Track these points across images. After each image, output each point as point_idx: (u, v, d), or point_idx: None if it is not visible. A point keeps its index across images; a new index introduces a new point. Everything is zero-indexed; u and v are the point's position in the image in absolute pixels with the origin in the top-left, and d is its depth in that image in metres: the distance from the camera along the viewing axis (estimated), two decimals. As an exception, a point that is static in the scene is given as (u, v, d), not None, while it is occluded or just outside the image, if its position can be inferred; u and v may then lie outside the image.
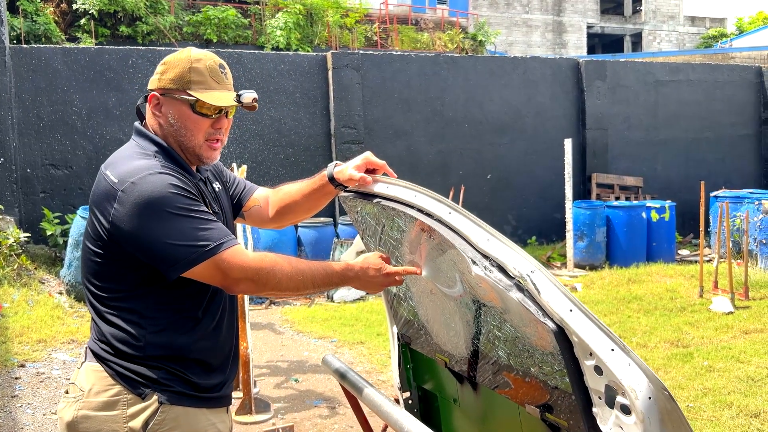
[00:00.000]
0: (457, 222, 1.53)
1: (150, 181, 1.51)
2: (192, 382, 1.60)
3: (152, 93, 1.64)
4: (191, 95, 1.60)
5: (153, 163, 1.56)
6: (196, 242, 1.48)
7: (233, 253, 1.51)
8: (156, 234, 1.48)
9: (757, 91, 11.81)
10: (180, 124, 1.62)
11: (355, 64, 9.13)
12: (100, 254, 1.57)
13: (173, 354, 1.59)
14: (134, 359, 1.56)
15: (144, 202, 1.49)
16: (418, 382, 2.15)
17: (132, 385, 1.55)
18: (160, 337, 1.58)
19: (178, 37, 16.92)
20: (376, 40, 19.65)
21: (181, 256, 1.48)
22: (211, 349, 1.66)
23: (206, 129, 1.64)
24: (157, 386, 1.56)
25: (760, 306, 6.51)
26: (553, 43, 32.74)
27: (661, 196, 10.54)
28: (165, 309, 1.59)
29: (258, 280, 1.53)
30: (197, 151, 1.65)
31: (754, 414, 3.95)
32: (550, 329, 1.34)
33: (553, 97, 10.44)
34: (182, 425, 1.57)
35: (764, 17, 35.68)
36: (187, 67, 1.61)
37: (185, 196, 1.52)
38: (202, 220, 1.52)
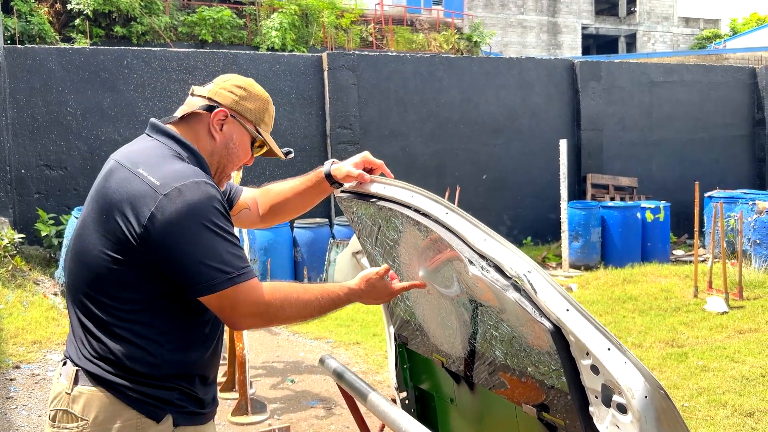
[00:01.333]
0: (454, 222, 1.53)
1: (195, 190, 1.44)
2: (199, 399, 1.56)
3: (222, 109, 1.60)
4: (260, 134, 1.64)
5: (195, 170, 1.50)
6: (222, 266, 1.42)
7: (251, 287, 1.45)
8: (190, 248, 1.41)
9: (750, 92, 11.86)
10: (235, 150, 1.63)
11: (350, 65, 9.14)
12: (119, 259, 1.44)
13: (184, 372, 1.53)
14: (149, 380, 1.48)
15: (187, 211, 1.41)
16: (414, 382, 2.15)
17: (145, 408, 1.47)
18: (175, 354, 1.51)
19: (173, 37, 16.89)
20: (372, 41, 19.66)
21: (205, 278, 1.41)
22: (211, 362, 1.62)
23: (243, 162, 1.68)
24: (173, 408, 1.50)
25: (755, 306, 6.54)
26: (548, 44, 32.82)
27: (655, 196, 10.58)
28: (180, 324, 1.51)
29: (265, 316, 1.48)
30: (222, 178, 1.65)
31: (749, 413, 3.97)
32: (547, 329, 1.35)
33: (548, 97, 10.47)
34: None
35: (758, 18, 35.86)
36: (265, 107, 1.67)
37: (223, 213, 1.47)
38: (232, 244, 1.45)
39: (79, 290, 1.51)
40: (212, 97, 1.62)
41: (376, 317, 6.63)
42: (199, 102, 1.62)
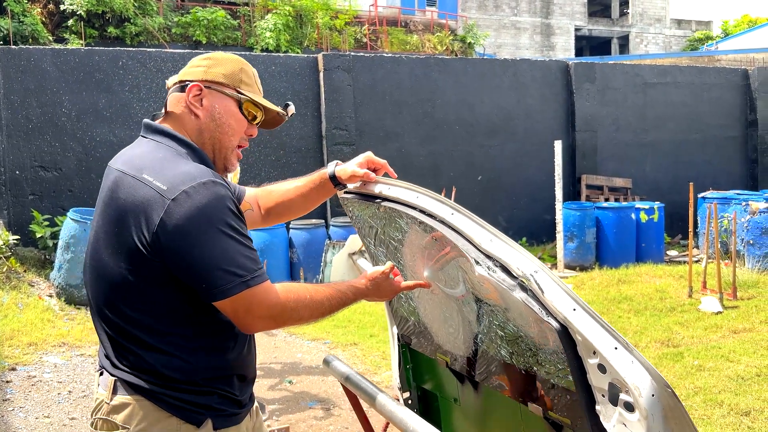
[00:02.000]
0: (459, 223, 1.54)
1: (204, 191, 1.39)
2: (237, 400, 1.55)
3: (194, 83, 1.52)
4: (243, 93, 1.54)
5: (203, 170, 1.44)
6: (236, 269, 1.38)
7: (265, 289, 1.41)
8: (202, 253, 1.36)
9: (743, 93, 11.94)
10: (223, 118, 1.53)
11: (346, 66, 9.14)
12: (136, 271, 1.41)
13: (220, 375, 1.52)
14: (186, 386, 1.47)
15: (197, 216, 1.36)
16: (417, 382, 2.16)
17: (185, 414, 1.46)
18: (209, 359, 1.49)
19: (167, 38, 16.85)
20: (366, 42, 19.67)
21: (219, 283, 1.37)
22: (247, 360, 1.60)
23: (242, 133, 1.57)
24: (212, 412, 1.49)
25: (748, 306, 6.58)
26: (542, 46, 32.93)
27: (649, 197, 10.63)
28: (209, 328, 1.49)
29: (280, 318, 1.44)
30: (228, 153, 1.56)
31: (745, 412, 4.00)
32: (554, 328, 1.36)
33: (542, 99, 10.51)
34: None
35: (749, 20, 36.09)
36: (239, 67, 1.57)
37: (235, 213, 1.42)
38: (244, 246, 1.41)
39: (102, 304, 1.48)
40: (182, 79, 1.56)
41: (372, 318, 6.64)
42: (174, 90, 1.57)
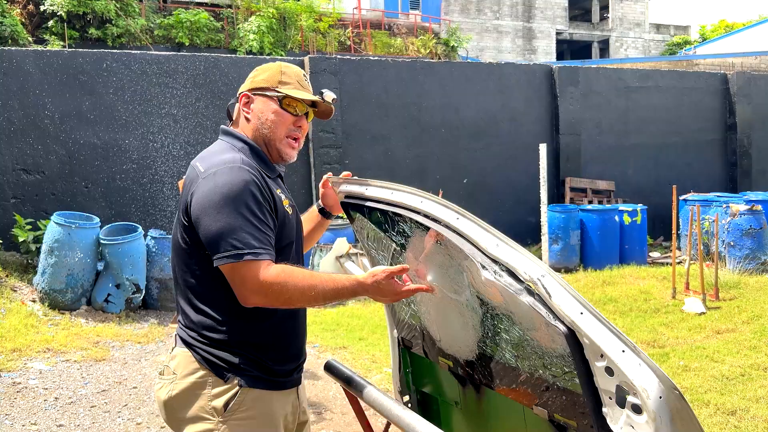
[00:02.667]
0: (465, 227, 1.56)
1: (229, 173, 1.65)
2: (267, 368, 1.74)
3: (243, 93, 1.84)
4: (280, 92, 1.79)
5: (238, 157, 1.71)
6: (236, 242, 1.59)
7: (256, 266, 1.59)
8: (212, 222, 1.62)
9: (722, 97, 12.14)
10: (266, 117, 1.80)
11: (332, 69, 9.14)
12: (186, 240, 1.70)
13: (253, 340, 1.72)
14: (219, 345, 1.71)
15: (216, 189, 1.63)
16: (417, 385, 2.17)
17: (216, 369, 1.70)
18: (240, 324, 1.71)
19: (149, 40, 16.70)
20: (350, 45, 19.67)
21: (219, 249, 1.60)
22: (287, 335, 1.79)
23: (289, 125, 1.81)
24: (238, 371, 1.70)
25: (730, 306, 6.69)
26: (523, 49, 33.18)
27: (632, 199, 10.76)
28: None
29: (270, 295, 1.61)
30: (278, 145, 1.81)
31: (731, 412, 4.06)
32: (561, 332, 1.37)
33: (527, 102, 10.59)
34: (258, 407, 1.72)
35: (726, 25, 36.70)
36: (278, 71, 1.83)
37: (253, 196, 1.65)
38: (252, 225, 1.62)
39: (175, 272, 1.78)
40: (239, 92, 1.87)
41: (361, 321, 6.64)
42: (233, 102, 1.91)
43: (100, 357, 5.57)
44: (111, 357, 5.62)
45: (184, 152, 8.45)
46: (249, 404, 1.71)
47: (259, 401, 1.73)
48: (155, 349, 5.90)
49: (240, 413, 1.70)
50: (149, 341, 6.13)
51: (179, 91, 8.44)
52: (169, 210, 8.33)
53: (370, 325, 6.46)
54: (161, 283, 7.27)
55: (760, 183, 12.22)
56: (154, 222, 8.20)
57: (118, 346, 5.95)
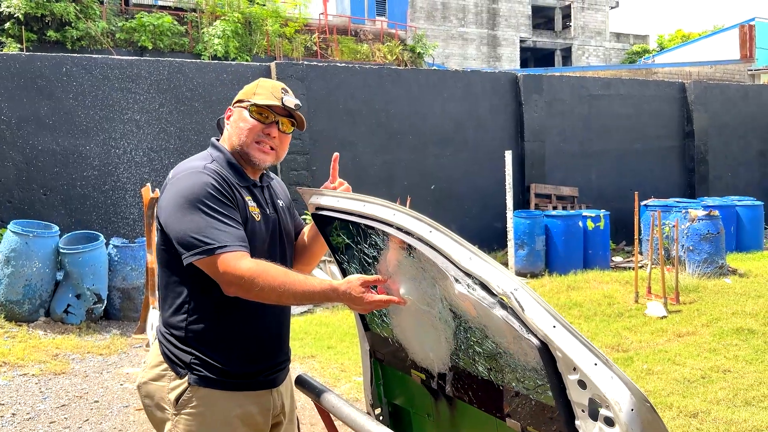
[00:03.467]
0: (438, 241, 1.55)
1: (190, 177, 1.78)
2: (221, 368, 1.81)
3: (228, 108, 2.00)
4: (250, 101, 1.91)
5: (202, 164, 1.84)
6: (204, 238, 1.70)
7: (229, 258, 1.68)
8: (179, 222, 1.73)
9: (681, 105, 12.48)
10: (239, 125, 1.92)
11: (299, 75, 9.10)
12: (160, 243, 1.83)
13: (208, 341, 1.81)
14: (177, 342, 1.83)
15: (179, 192, 1.76)
16: (389, 398, 2.16)
17: (172, 364, 1.83)
18: (197, 325, 1.81)
19: (111, 43, 16.38)
20: (316, 50, 19.62)
21: (190, 247, 1.70)
22: (250, 337, 1.85)
23: (257, 132, 1.90)
24: (189, 369, 1.81)
25: (691, 310, 6.85)
26: (488, 56, 33.59)
27: (595, 205, 10.96)
28: (205, 298, 1.80)
29: (243, 286, 1.68)
30: (247, 149, 1.90)
31: (693, 414, 4.15)
32: (534, 345, 1.38)
33: (493, 109, 10.71)
34: (207, 405, 1.80)
35: (682, 35, 37.79)
36: (255, 85, 1.96)
37: (215, 196, 1.76)
38: (219, 222, 1.73)
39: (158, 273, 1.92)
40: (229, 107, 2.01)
41: (329, 330, 6.60)
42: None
43: (59, 370, 5.40)
44: (71, 370, 5.46)
45: (147, 159, 8.29)
46: (197, 401, 1.80)
47: (209, 399, 1.80)
48: (118, 361, 5.76)
49: (189, 409, 1.80)
50: (111, 353, 5.98)
51: (142, 97, 8.29)
52: (131, 218, 8.15)
53: (338, 333, 6.42)
54: (124, 293, 7.11)
55: (716, 188, 12.59)
56: (117, 230, 8.02)
57: (78, 358, 5.78)
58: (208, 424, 1.81)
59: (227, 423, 1.82)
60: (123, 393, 4.94)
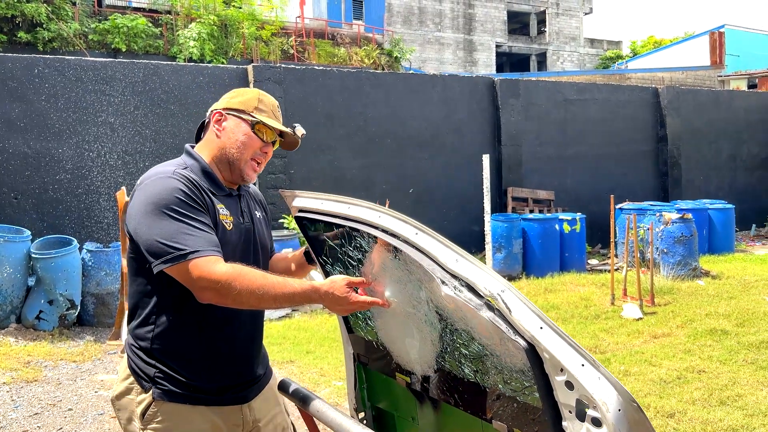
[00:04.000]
0: (424, 243, 1.55)
1: (159, 182, 1.72)
2: (185, 383, 1.76)
3: (217, 110, 1.89)
4: (255, 117, 1.85)
5: (172, 170, 1.76)
6: (175, 244, 1.63)
7: (203, 263, 1.62)
8: (148, 229, 1.66)
9: (654, 110, 12.69)
10: (236, 138, 1.84)
11: (277, 78, 9.05)
12: (130, 251, 1.78)
13: (173, 354, 1.76)
14: (142, 355, 1.78)
15: (147, 199, 1.69)
16: (372, 401, 2.14)
17: (137, 377, 1.78)
18: (163, 337, 1.76)
19: (83, 45, 16.13)
20: (293, 54, 19.55)
21: (161, 254, 1.63)
22: (218, 353, 1.80)
23: (256, 149, 1.86)
24: (153, 383, 1.76)
25: (666, 311, 6.96)
26: (464, 61, 33.82)
27: (570, 208, 11.07)
28: (170, 311, 1.75)
29: (220, 291, 1.62)
30: (242, 165, 1.85)
31: (670, 414, 4.21)
32: (521, 347, 1.38)
33: (470, 113, 10.76)
34: (172, 420, 1.75)
35: (655, 41, 38.49)
36: (256, 97, 1.90)
37: (185, 202, 1.69)
38: (190, 227, 1.66)
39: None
40: (211, 109, 1.92)
41: (308, 334, 6.56)
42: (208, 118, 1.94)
43: (31, 378, 5.28)
44: (44, 377, 5.34)
45: (121, 162, 8.16)
46: (163, 416, 1.75)
47: (174, 415, 1.76)
48: (92, 368, 5.65)
49: (155, 423, 1.75)
50: (85, 360, 5.86)
51: (117, 99, 8.17)
52: (105, 222, 8.02)
53: (317, 338, 6.38)
54: (98, 299, 6.98)
55: (689, 192, 12.82)
56: (90, 235, 7.88)
57: (51, 365, 5.66)
58: None
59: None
60: (98, 400, 4.84)
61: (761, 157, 14.26)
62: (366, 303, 1.68)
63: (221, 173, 1.87)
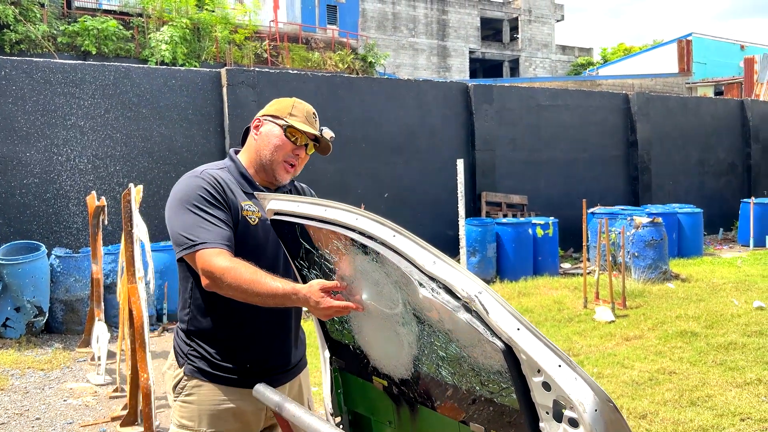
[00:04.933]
0: (401, 245, 1.54)
1: (185, 181, 1.95)
2: (213, 363, 1.96)
3: (256, 118, 2.08)
4: (287, 121, 2.02)
5: (202, 169, 1.99)
6: (189, 235, 1.84)
7: (207, 254, 1.81)
8: (172, 222, 1.90)
9: (624, 116, 12.91)
10: (270, 141, 2.02)
11: (250, 82, 8.98)
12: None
13: (204, 335, 1.97)
14: (181, 334, 2.01)
15: (174, 195, 1.93)
16: (349, 406, 2.13)
17: (176, 354, 2.03)
18: (196, 320, 1.97)
19: (52, 47, 15.84)
20: (267, 58, 19.45)
21: (179, 243, 1.86)
22: (244, 337, 1.97)
23: (288, 152, 2.02)
24: (186, 359, 1.98)
25: (637, 314, 7.06)
26: (438, 67, 34.02)
27: (543, 212, 11.18)
28: (202, 295, 1.94)
29: (215, 281, 1.79)
30: (275, 167, 2.02)
31: (642, 416, 4.26)
32: (499, 348, 1.38)
33: (444, 119, 10.82)
34: (198, 395, 1.95)
35: (625, 48, 39.19)
36: (291, 104, 2.07)
37: (206, 198, 1.89)
38: (205, 221, 1.86)
39: None
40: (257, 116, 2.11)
41: (282, 339, 6.50)
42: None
43: (-3, 387, 5.14)
44: (10, 386, 5.20)
45: (92, 166, 8.02)
46: (190, 390, 1.96)
47: (200, 390, 1.96)
48: (60, 376, 5.52)
49: (183, 397, 1.97)
50: (53, 368, 5.73)
51: (87, 102, 8.02)
52: (75, 227, 7.86)
53: (292, 343, 6.33)
54: (67, 305, 6.83)
55: (659, 196, 13.05)
56: (59, 240, 7.71)
57: (18, 374, 5.52)
58: (199, 414, 1.94)
59: (217, 416, 1.94)
60: (66, 409, 4.73)
61: (728, 162, 14.59)
62: (339, 307, 1.69)
63: (257, 174, 2.04)
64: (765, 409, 4.25)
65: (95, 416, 4.61)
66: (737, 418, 4.13)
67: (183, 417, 1.97)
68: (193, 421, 1.96)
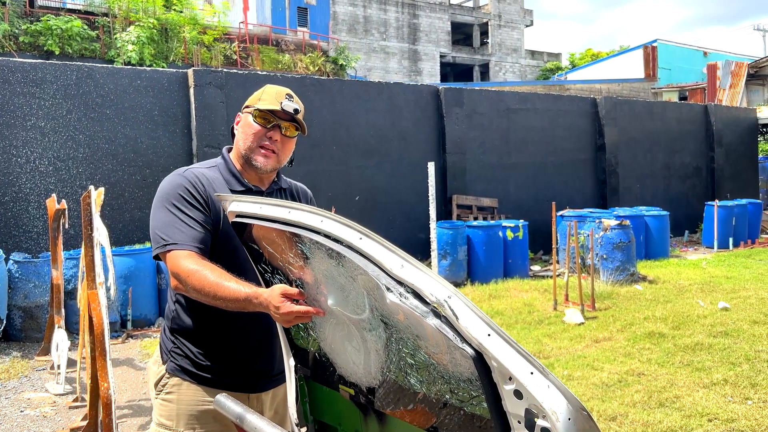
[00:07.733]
0: (368, 248, 1.48)
1: (171, 178, 1.93)
2: (195, 361, 1.94)
3: (237, 114, 2.06)
4: (255, 106, 1.97)
5: (190, 167, 1.98)
6: (162, 234, 1.83)
7: (176, 255, 1.80)
8: (151, 218, 1.89)
9: (592, 120, 13.07)
10: (244, 130, 1.99)
11: (218, 83, 8.84)
12: None
13: (187, 334, 1.96)
14: (166, 332, 2.00)
15: (158, 192, 1.92)
16: (315, 415, 2.05)
17: (160, 350, 2.03)
18: (180, 318, 1.96)
19: (14, 47, 15.42)
20: (236, 59, 19.23)
21: (154, 241, 1.85)
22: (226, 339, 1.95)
23: (260, 135, 1.96)
24: (169, 356, 1.97)
25: (606, 316, 7.11)
26: (409, 70, 34.11)
27: (513, 215, 11.24)
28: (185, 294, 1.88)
29: (182, 282, 1.77)
30: (250, 154, 1.97)
31: (612, 418, 4.27)
32: (469, 355, 1.32)
33: (415, 122, 10.80)
34: (178, 394, 1.94)
35: (592, 54, 39.83)
36: (261, 91, 2.00)
37: (184, 197, 1.87)
38: (179, 221, 1.84)
39: None
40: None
41: (250, 345, 6.38)
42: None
43: (-50, 398, 4.92)
44: (-36, 397, 4.99)
45: (53, 168, 7.78)
46: (170, 389, 1.95)
47: (180, 389, 1.94)
48: (18, 386, 5.31)
49: (164, 394, 1.96)
50: (11, 377, 5.52)
51: (48, 102, 7.79)
52: (35, 231, 7.61)
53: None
54: (26, 312, 6.60)
55: (626, 199, 13.24)
56: (18, 245, 7.46)
57: (-28, 384, 5.30)
58: (178, 414, 1.93)
59: (197, 416, 1.93)
60: (24, 420, 4.55)
61: (693, 165, 14.89)
62: (300, 312, 1.62)
63: (245, 170, 2.01)
64: (732, 409, 4.29)
65: (53, 427, 4.44)
66: (705, 418, 4.16)
67: (162, 416, 1.97)
68: (172, 421, 1.95)
